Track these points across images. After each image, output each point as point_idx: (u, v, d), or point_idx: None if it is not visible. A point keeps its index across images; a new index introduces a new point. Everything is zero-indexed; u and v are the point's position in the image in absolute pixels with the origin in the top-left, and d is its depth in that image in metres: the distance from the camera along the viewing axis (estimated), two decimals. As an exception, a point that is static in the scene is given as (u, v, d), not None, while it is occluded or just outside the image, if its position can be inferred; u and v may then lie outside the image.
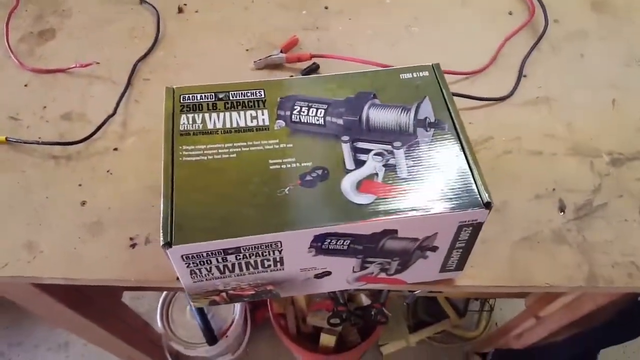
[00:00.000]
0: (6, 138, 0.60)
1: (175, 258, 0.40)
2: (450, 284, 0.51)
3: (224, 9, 0.77)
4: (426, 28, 0.75)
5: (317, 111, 0.48)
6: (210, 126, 0.47)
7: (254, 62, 0.69)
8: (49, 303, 0.70)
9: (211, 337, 1.15)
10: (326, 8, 0.78)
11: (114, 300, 0.93)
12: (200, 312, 1.18)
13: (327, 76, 0.52)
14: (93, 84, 0.67)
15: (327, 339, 1.08)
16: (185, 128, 0.46)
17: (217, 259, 0.41)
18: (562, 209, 0.58)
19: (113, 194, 0.57)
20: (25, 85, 0.67)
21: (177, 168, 0.43)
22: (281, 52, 0.70)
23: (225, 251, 0.41)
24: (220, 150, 0.45)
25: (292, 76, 0.69)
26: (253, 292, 0.48)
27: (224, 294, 0.47)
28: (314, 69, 0.69)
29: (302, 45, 0.73)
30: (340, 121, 0.48)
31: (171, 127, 0.46)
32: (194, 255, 0.40)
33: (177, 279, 0.51)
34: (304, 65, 0.70)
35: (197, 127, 0.47)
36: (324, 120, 0.48)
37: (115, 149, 0.61)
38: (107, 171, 0.59)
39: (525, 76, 0.70)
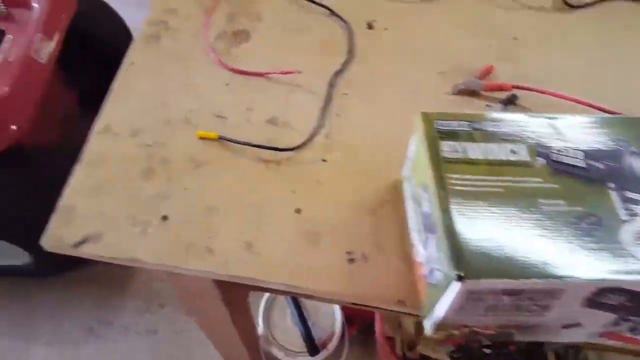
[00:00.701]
0: (218, 136, 0.62)
1: (459, 291, 0.39)
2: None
3: (412, 29, 0.76)
4: (615, 69, 0.73)
5: (576, 152, 0.47)
6: (472, 156, 0.46)
7: (452, 86, 0.68)
8: (214, 298, 0.70)
9: (313, 347, 1.15)
10: (515, 39, 0.76)
11: (245, 298, 0.93)
12: (303, 320, 1.18)
13: (581, 118, 0.50)
14: (294, 92, 0.68)
15: (439, 370, 1.06)
16: (448, 156, 0.46)
17: (492, 298, 0.40)
18: None
19: (325, 205, 0.57)
20: (227, 85, 0.68)
21: (451, 197, 0.43)
22: (478, 79, 0.69)
23: (506, 291, 0.40)
24: (487, 183, 0.44)
25: (488, 105, 0.68)
26: (494, 333, 0.47)
27: (465, 329, 0.46)
28: (512, 100, 0.68)
29: (494, 74, 0.72)
30: (602, 166, 0.46)
31: (434, 154, 0.46)
32: (477, 291, 0.39)
33: (398, 302, 0.51)
34: (502, 95, 0.68)
35: (459, 156, 0.46)
36: (585, 163, 0.46)
37: (324, 160, 0.61)
38: (317, 181, 0.59)
39: None
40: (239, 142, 0.61)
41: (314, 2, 0.77)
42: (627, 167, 0.46)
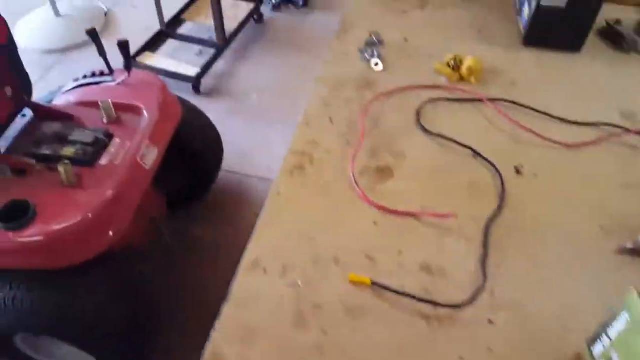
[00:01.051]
0: (372, 282, 0.57)
1: None
2: None
3: (563, 176, 0.72)
4: None
5: None
6: None
7: (619, 245, 0.62)
8: None
9: None
10: (677, 193, 0.71)
11: None
12: None
13: None
14: (446, 236, 0.63)
15: None
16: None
17: None
18: None
19: (502, 380, 0.50)
20: (375, 223, 0.65)
21: None
22: (649, 239, 0.63)
23: None
24: None
25: (666, 270, 0.61)
26: None
27: None
28: (691, 267, 0.61)
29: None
30: None
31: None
32: None
33: None
34: (678, 260, 0.61)
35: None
36: None
37: (491, 322, 0.54)
38: (488, 348, 0.52)
39: None
40: (394, 291, 0.56)
41: (457, 143, 0.76)
42: None
